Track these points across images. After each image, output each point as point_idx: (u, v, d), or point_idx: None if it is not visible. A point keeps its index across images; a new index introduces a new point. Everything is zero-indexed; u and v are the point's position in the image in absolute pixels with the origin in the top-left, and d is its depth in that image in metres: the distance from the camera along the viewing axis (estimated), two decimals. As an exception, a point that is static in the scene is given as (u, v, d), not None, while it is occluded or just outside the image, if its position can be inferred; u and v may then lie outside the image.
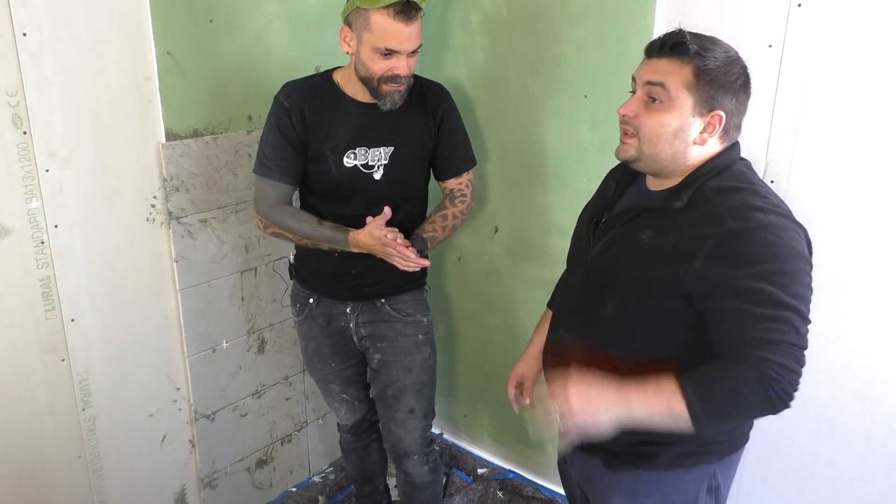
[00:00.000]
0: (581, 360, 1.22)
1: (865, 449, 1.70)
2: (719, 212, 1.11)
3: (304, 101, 1.66)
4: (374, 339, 1.83)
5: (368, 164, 1.68)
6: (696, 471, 1.27)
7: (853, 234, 1.60)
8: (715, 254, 1.09)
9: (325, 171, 1.69)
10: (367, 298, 1.80)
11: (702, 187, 1.16)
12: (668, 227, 1.16)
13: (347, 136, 1.67)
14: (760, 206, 1.11)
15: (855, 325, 1.65)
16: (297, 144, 1.66)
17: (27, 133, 1.53)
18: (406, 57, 1.57)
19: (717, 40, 1.17)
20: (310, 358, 1.94)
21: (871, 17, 1.48)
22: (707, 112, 1.15)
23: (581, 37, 1.93)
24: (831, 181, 1.61)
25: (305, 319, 1.88)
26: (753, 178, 1.19)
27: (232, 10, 1.83)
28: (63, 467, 1.79)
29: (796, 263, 1.09)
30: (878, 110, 1.51)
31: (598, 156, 1.98)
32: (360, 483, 2.17)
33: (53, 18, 1.51)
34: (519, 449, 2.48)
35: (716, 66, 1.13)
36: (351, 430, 2.04)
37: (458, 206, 1.81)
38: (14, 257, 1.57)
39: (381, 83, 1.59)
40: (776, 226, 1.09)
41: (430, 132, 1.75)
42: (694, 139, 1.16)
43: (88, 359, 1.76)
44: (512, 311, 2.35)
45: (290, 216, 1.71)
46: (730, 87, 1.14)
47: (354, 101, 1.68)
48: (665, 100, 1.15)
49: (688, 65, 1.13)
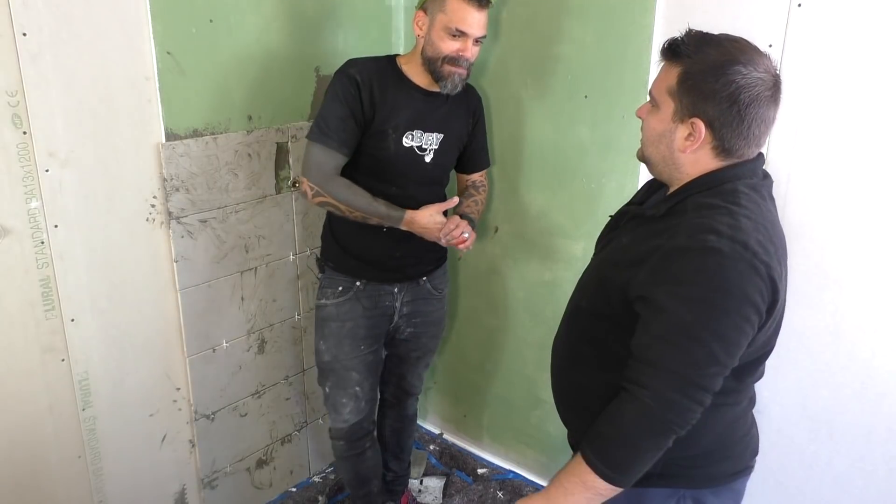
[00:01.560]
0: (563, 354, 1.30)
1: (865, 449, 1.70)
2: (679, 227, 1.07)
3: (373, 79, 1.75)
4: (412, 315, 2.01)
5: (422, 146, 1.83)
6: (658, 492, 1.25)
7: (853, 234, 1.60)
8: (656, 266, 1.06)
9: (383, 149, 1.78)
10: (411, 278, 1.96)
11: (686, 200, 1.12)
12: (643, 234, 1.15)
13: (408, 117, 1.79)
14: (718, 230, 1.03)
15: (855, 325, 1.65)
16: (361, 119, 1.75)
17: (27, 133, 1.53)
18: (472, 41, 1.70)
19: (730, 47, 1.07)
20: (340, 340, 1.93)
21: (871, 16, 1.48)
22: (687, 119, 1.09)
23: (581, 37, 1.93)
24: (831, 181, 1.61)
25: (348, 300, 1.91)
26: (745, 199, 1.09)
27: (232, 10, 1.83)
28: (63, 467, 1.79)
29: (728, 298, 1.01)
30: (878, 110, 1.52)
31: (598, 156, 1.98)
32: (356, 486, 2.14)
33: (53, 18, 1.51)
34: (519, 449, 2.48)
35: (698, 71, 1.06)
36: (345, 435, 2.00)
37: (482, 195, 2.02)
38: (14, 257, 1.57)
39: (445, 63, 1.71)
40: (724, 254, 1.01)
41: (467, 127, 1.93)
42: (678, 146, 1.12)
43: (88, 359, 1.76)
44: (512, 311, 2.35)
45: (347, 188, 1.76)
46: (712, 95, 1.05)
47: (416, 87, 1.80)
48: (654, 105, 1.15)
49: (676, 68, 1.10)
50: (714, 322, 1.02)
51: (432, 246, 1.89)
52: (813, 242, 1.66)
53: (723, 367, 1.04)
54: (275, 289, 2.15)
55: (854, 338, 1.66)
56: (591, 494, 1.10)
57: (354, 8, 2.14)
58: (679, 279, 1.03)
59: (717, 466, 1.25)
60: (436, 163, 1.86)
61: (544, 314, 2.25)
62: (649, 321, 1.06)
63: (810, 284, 1.69)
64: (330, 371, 1.95)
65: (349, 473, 2.10)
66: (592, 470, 1.09)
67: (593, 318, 1.23)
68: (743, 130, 1.08)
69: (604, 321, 1.20)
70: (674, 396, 1.03)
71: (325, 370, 1.97)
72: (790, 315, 1.72)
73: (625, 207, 1.30)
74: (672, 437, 1.07)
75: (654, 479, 1.23)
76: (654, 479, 1.23)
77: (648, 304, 1.06)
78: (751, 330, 1.05)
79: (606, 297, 1.17)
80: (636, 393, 1.06)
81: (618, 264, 1.16)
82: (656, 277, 1.06)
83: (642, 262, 1.08)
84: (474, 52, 1.73)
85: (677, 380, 1.03)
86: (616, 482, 1.09)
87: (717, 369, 1.04)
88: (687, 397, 1.04)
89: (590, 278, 1.27)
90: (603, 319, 1.20)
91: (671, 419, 1.05)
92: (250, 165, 1.97)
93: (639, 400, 1.05)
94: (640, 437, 1.07)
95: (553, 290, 2.21)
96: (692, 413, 1.05)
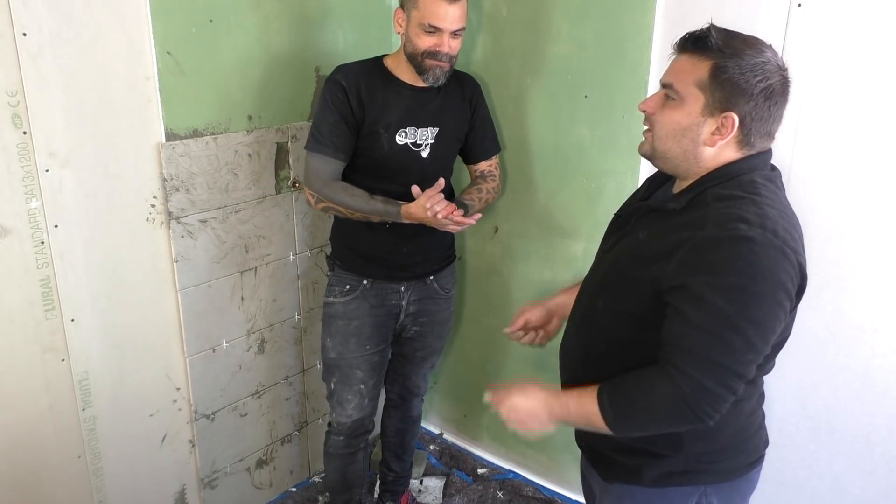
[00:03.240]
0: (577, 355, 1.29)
1: (865, 449, 1.70)
2: (706, 217, 1.07)
3: (360, 82, 1.78)
4: (418, 314, 2.02)
5: (417, 142, 1.83)
6: (681, 490, 1.26)
7: (853, 234, 1.60)
8: (687, 258, 1.06)
9: (377, 148, 1.80)
10: (418, 277, 1.97)
11: (704, 192, 1.12)
12: (664, 228, 1.15)
13: (399, 115, 1.80)
14: (747, 218, 1.04)
15: (855, 325, 1.65)
16: (352, 122, 1.78)
17: (27, 133, 1.53)
18: (448, 35, 1.70)
19: (752, 41, 1.10)
20: (346, 338, 1.94)
21: (871, 16, 1.48)
22: (719, 113, 1.09)
23: (581, 36, 1.93)
24: (831, 181, 1.61)
25: (355, 299, 1.93)
26: (764, 189, 1.10)
27: (232, 10, 1.83)
28: (63, 467, 1.79)
29: (763, 285, 1.03)
30: (878, 110, 1.52)
31: (598, 156, 1.98)
32: (337, 492, 2.13)
33: (53, 18, 1.51)
34: (519, 449, 2.48)
35: (735, 66, 1.07)
36: (347, 431, 2.01)
37: (490, 184, 1.99)
38: (14, 257, 1.57)
39: (425, 58, 1.72)
40: (756, 241, 1.02)
41: (466, 116, 1.93)
42: (704, 140, 1.12)
43: (88, 359, 1.76)
44: (512, 311, 2.33)
45: (344, 191, 1.80)
46: (747, 91, 1.07)
47: (405, 84, 1.81)
48: (676, 98, 1.13)
49: (706, 61, 1.08)
50: (751, 309, 1.03)
51: (439, 244, 1.93)
52: (812, 242, 1.66)
53: (759, 353, 1.06)
54: (275, 289, 2.15)
55: (854, 338, 1.66)
56: (584, 424, 1.18)
57: (354, 8, 2.14)
58: (713, 269, 1.04)
59: (735, 460, 1.26)
60: (433, 157, 1.86)
61: (544, 314, 2.25)
62: (684, 311, 1.06)
63: (810, 284, 1.67)
64: (336, 367, 1.98)
65: (336, 474, 2.10)
66: (601, 413, 1.13)
67: (614, 317, 1.22)
68: (769, 124, 1.11)
69: (627, 319, 1.19)
70: (711, 385, 1.04)
71: (330, 366, 1.99)
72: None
73: (635, 204, 1.28)
74: (697, 425, 1.08)
75: (676, 477, 1.24)
76: (676, 477, 1.24)
77: (682, 295, 1.07)
78: (784, 315, 1.06)
79: (632, 293, 1.16)
80: (674, 376, 1.06)
81: (640, 260, 1.15)
82: (690, 268, 1.06)
83: (670, 256, 1.08)
84: (454, 45, 1.73)
85: (716, 368, 1.04)
86: (615, 432, 1.14)
87: (753, 356, 1.05)
88: (724, 386, 1.05)
89: (606, 276, 1.25)
90: (627, 317, 1.19)
91: (704, 408, 1.05)
92: (250, 165, 1.97)
93: (675, 383, 1.06)
94: (665, 417, 1.09)
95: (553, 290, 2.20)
96: (725, 402, 1.06)
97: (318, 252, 2.24)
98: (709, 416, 1.06)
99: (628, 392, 1.12)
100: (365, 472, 2.17)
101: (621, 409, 1.12)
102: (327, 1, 2.06)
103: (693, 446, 1.20)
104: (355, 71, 1.80)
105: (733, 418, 1.18)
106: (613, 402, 1.12)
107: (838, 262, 1.63)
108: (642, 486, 1.26)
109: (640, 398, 1.10)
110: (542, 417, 1.21)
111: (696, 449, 1.20)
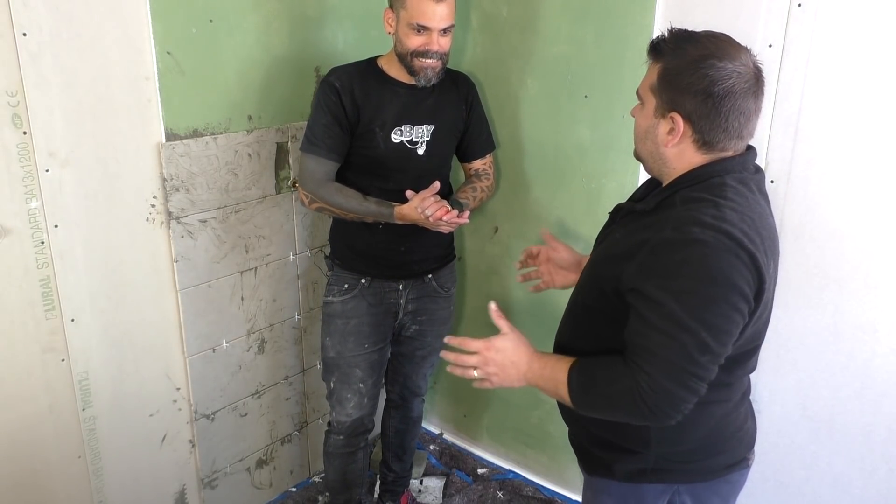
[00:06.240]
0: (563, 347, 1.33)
1: (865, 449, 1.70)
2: (667, 220, 1.09)
3: (353, 83, 1.79)
4: (417, 313, 2.02)
5: (413, 140, 1.84)
6: (653, 488, 1.28)
7: (853, 234, 1.60)
8: (645, 260, 1.09)
9: (373, 147, 1.81)
10: (416, 275, 1.97)
11: (674, 194, 1.14)
12: (634, 228, 1.18)
13: (394, 114, 1.81)
14: (702, 221, 1.05)
15: (855, 325, 1.65)
16: (345, 123, 1.79)
17: (27, 133, 1.53)
18: (437, 34, 1.71)
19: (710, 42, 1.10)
20: (345, 337, 1.95)
21: (871, 16, 1.48)
22: (667, 113, 1.12)
23: (581, 37, 1.93)
24: (831, 181, 1.61)
25: (353, 298, 1.94)
26: (731, 192, 1.10)
27: (232, 10, 1.83)
28: (63, 467, 1.79)
29: (715, 288, 1.04)
30: (879, 110, 1.52)
31: (598, 155, 1.98)
32: (337, 491, 2.13)
33: (53, 18, 1.51)
34: (519, 449, 2.48)
35: (675, 66, 1.10)
36: (346, 430, 2.02)
37: (485, 182, 2.01)
38: (14, 257, 1.57)
39: (414, 58, 1.73)
40: (709, 244, 1.03)
41: (461, 114, 1.94)
42: (661, 141, 1.15)
43: (88, 359, 1.76)
44: (512, 311, 2.35)
45: (337, 192, 1.81)
46: (688, 89, 1.08)
47: (399, 83, 1.82)
48: (640, 102, 1.19)
49: (657, 65, 1.14)
50: (703, 311, 1.04)
51: (437, 243, 1.93)
52: (812, 242, 1.66)
53: (715, 355, 1.06)
54: (275, 289, 2.15)
55: (854, 338, 1.66)
56: (552, 391, 1.22)
57: (354, 8, 2.14)
58: (666, 271, 1.06)
59: (710, 461, 1.27)
60: (430, 154, 1.86)
61: (544, 314, 2.25)
62: (642, 313, 1.08)
63: (810, 284, 1.69)
64: (335, 367, 1.98)
65: (336, 474, 2.10)
66: (567, 385, 1.17)
67: (588, 313, 1.26)
68: (721, 122, 1.10)
69: (597, 315, 1.22)
70: (670, 385, 1.05)
71: (329, 365, 1.99)
72: (790, 315, 1.73)
73: (621, 203, 1.32)
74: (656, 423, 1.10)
75: (647, 474, 1.26)
76: (647, 474, 1.26)
77: (639, 297, 1.09)
78: (740, 317, 1.07)
79: (600, 291, 1.19)
80: (636, 372, 1.08)
81: (610, 259, 1.18)
82: (645, 270, 1.08)
83: (632, 256, 1.11)
84: (443, 43, 1.74)
85: (672, 369, 1.05)
86: (576, 407, 1.18)
87: (709, 358, 1.06)
88: (683, 387, 1.06)
89: (587, 274, 1.29)
90: (597, 313, 1.22)
91: (663, 408, 1.07)
92: (250, 165, 1.97)
93: (635, 380, 1.07)
94: (621, 408, 1.11)
95: (553, 290, 2.21)
96: (685, 403, 1.07)
97: (318, 252, 2.24)
98: (667, 416, 1.07)
99: (595, 375, 1.15)
100: (365, 472, 2.17)
101: (585, 389, 1.15)
102: (327, 1, 2.06)
103: (660, 445, 1.22)
104: (349, 72, 1.81)
105: (704, 420, 1.20)
106: (580, 380, 1.16)
107: (838, 262, 1.63)
108: (617, 481, 1.29)
109: (604, 384, 1.13)
110: (521, 370, 1.24)
111: (663, 448, 1.22)
